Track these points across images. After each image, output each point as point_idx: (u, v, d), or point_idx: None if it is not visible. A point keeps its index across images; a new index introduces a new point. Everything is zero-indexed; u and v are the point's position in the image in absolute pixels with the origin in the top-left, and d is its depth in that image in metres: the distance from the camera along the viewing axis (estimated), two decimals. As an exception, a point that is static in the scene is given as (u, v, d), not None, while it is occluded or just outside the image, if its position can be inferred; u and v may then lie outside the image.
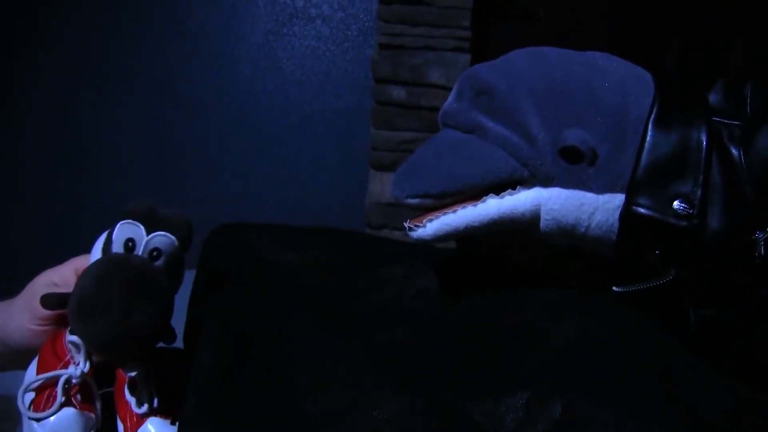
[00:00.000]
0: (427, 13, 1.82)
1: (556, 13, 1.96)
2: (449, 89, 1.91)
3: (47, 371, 0.50)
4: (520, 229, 0.50)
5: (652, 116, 0.49)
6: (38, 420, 0.48)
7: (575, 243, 0.50)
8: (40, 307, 0.51)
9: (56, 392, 0.49)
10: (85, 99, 2.10)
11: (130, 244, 0.49)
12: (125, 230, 0.49)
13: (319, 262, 0.60)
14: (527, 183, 0.49)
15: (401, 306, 0.53)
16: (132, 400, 0.51)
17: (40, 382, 0.49)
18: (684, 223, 0.47)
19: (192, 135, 2.12)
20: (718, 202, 0.47)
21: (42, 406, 0.48)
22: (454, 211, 0.49)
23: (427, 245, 0.66)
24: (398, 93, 1.86)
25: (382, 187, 1.89)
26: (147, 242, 0.50)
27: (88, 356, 0.50)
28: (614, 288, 0.50)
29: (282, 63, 2.10)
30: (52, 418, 0.48)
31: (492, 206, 0.49)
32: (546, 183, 0.49)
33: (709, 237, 0.47)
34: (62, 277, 0.55)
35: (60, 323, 0.53)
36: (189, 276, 0.64)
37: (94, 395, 0.52)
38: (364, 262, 0.60)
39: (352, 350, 0.47)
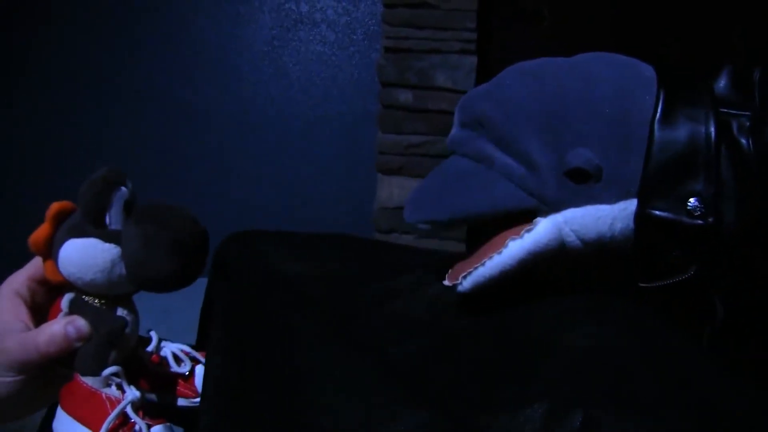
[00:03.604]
0: (431, 15, 1.82)
1: (561, 13, 1.96)
2: (456, 92, 1.91)
3: (94, 416, 0.48)
4: (554, 255, 0.50)
5: (657, 115, 0.48)
6: None
7: (604, 252, 0.50)
8: (10, 358, 0.48)
9: (131, 423, 0.48)
10: (89, 109, 2.11)
11: (127, 206, 0.50)
12: (122, 197, 0.49)
13: (330, 272, 0.59)
14: (540, 213, 0.49)
15: (413, 317, 0.53)
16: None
17: (111, 424, 0.47)
18: (699, 222, 0.46)
19: (198, 143, 2.12)
20: (731, 196, 0.46)
21: None
22: (483, 264, 0.50)
23: (437, 254, 0.65)
24: (405, 96, 1.85)
25: (390, 191, 1.89)
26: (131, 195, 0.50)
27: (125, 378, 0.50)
28: (640, 284, 0.49)
29: (288, 69, 2.10)
30: None
31: (516, 248, 0.49)
32: (557, 208, 0.49)
33: (727, 232, 0.46)
34: (19, 293, 0.52)
35: (36, 369, 0.49)
36: (200, 285, 0.64)
37: (149, 407, 0.51)
38: (374, 271, 0.59)
39: (365, 363, 0.47)
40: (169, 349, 0.57)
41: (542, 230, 0.49)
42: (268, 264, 0.60)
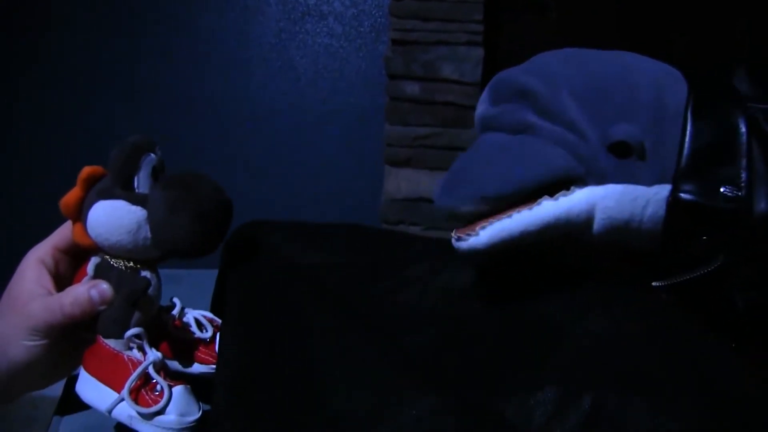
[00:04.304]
0: (438, 7, 1.82)
1: (568, 5, 1.95)
2: (463, 84, 1.90)
3: (117, 377, 0.49)
4: (575, 232, 0.49)
5: (690, 108, 0.50)
6: (161, 412, 0.48)
7: (626, 239, 0.50)
8: (35, 320, 0.50)
9: (153, 383, 0.49)
10: (96, 102, 2.12)
11: (155, 172, 0.52)
12: (150, 162, 0.51)
13: (342, 261, 0.60)
14: (580, 182, 0.48)
15: (426, 305, 0.53)
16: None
17: (133, 383, 0.48)
18: (731, 206, 0.47)
19: (206, 135, 2.13)
20: (763, 184, 0.48)
21: (150, 403, 0.48)
22: (510, 216, 0.47)
23: (448, 243, 0.66)
24: (412, 88, 1.86)
25: (398, 183, 1.89)
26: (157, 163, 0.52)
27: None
28: (654, 283, 0.50)
29: (295, 61, 2.10)
30: (170, 403, 0.48)
31: (549, 208, 0.47)
32: (600, 180, 0.48)
33: (756, 219, 0.47)
34: (44, 261, 0.53)
35: (59, 333, 0.51)
36: (210, 275, 0.65)
37: (169, 369, 0.53)
38: (386, 260, 0.60)
39: (378, 350, 0.48)
40: (191, 315, 0.58)
41: (577, 199, 0.48)
42: (279, 254, 0.61)
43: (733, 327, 0.49)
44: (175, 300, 0.59)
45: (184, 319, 0.58)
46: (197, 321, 0.58)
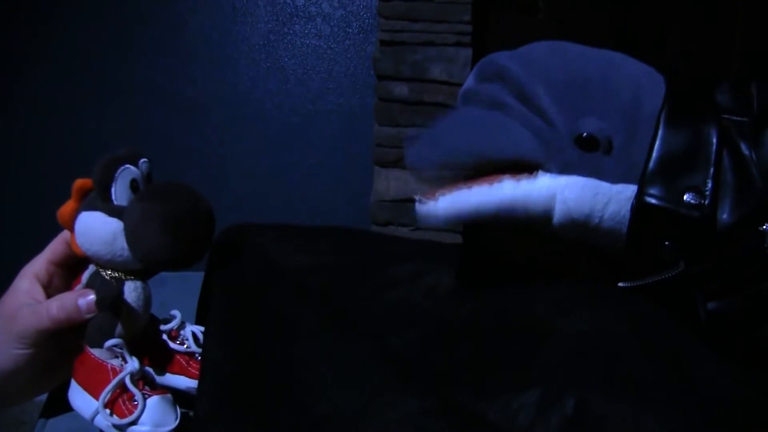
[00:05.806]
0: (427, 8, 1.82)
1: (556, 5, 1.96)
2: (451, 84, 1.91)
3: (100, 385, 0.50)
4: (531, 219, 0.50)
5: (664, 113, 0.50)
6: (135, 422, 0.48)
7: (585, 235, 0.51)
8: (22, 326, 0.51)
9: (131, 393, 0.49)
10: (85, 103, 2.10)
11: (134, 184, 0.52)
12: (128, 174, 0.52)
13: (328, 263, 0.60)
14: (545, 168, 0.49)
15: (411, 306, 0.53)
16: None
17: (110, 394, 0.49)
18: (695, 214, 0.48)
19: (195, 137, 2.12)
20: (728, 194, 0.48)
21: (125, 413, 0.49)
22: (469, 188, 0.48)
23: (434, 244, 0.66)
24: (401, 89, 1.85)
25: (387, 183, 1.89)
26: (142, 175, 0.53)
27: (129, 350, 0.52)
28: (620, 284, 0.50)
29: (283, 62, 2.10)
30: (144, 413, 0.48)
31: (507, 189, 0.48)
32: (563, 169, 0.49)
33: (719, 228, 0.48)
34: (38, 275, 0.55)
35: (46, 341, 0.52)
36: (198, 278, 0.64)
37: (152, 378, 0.53)
38: (372, 262, 0.60)
39: (363, 351, 0.48)
40: (190, 329, 0.59)
41: (539, 186, 0.49)
42: (265, 256, 0.61)
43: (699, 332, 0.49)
44: (174, 313, 0.59)
45: (182, 332, 0.59)
46: (194, 335, 0.59)
